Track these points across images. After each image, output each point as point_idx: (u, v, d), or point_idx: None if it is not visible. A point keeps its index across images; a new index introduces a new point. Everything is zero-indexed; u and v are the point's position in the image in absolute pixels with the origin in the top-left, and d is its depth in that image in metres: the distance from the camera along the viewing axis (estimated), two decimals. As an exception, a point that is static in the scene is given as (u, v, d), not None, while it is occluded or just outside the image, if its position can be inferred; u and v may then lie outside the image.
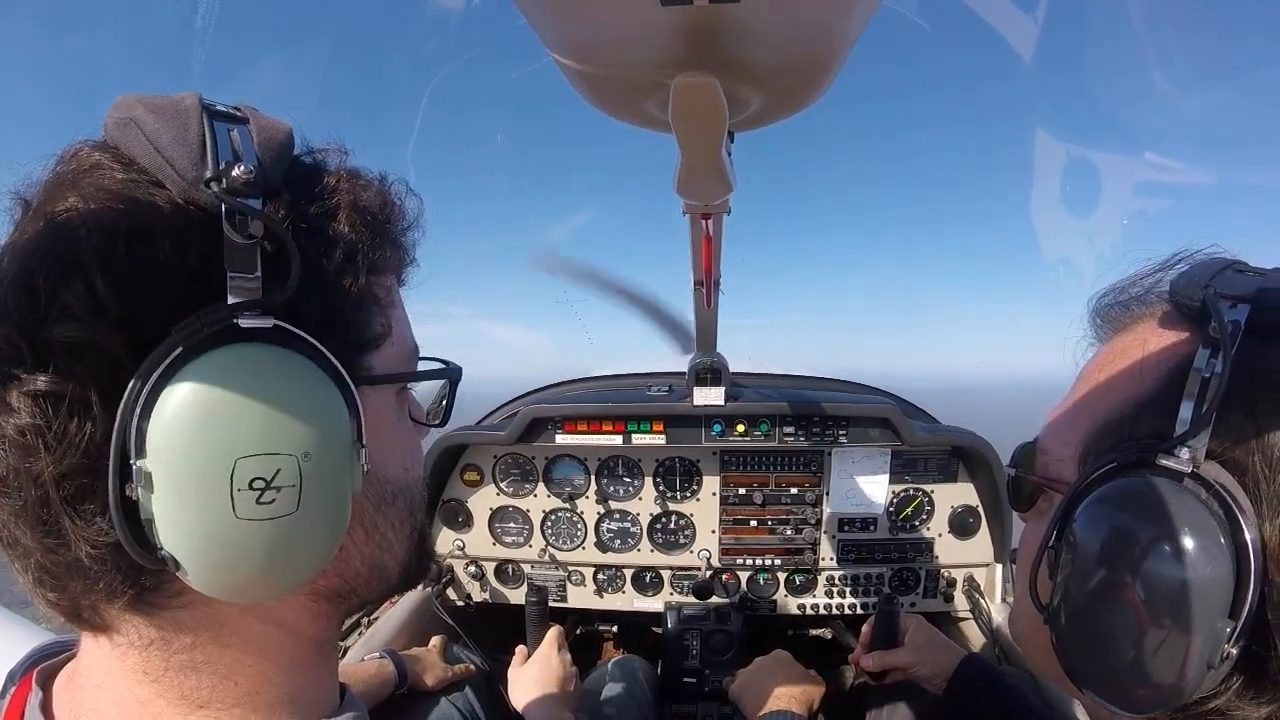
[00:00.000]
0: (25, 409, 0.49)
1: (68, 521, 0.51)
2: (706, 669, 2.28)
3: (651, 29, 0.56)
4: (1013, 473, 0.82)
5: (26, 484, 0.50)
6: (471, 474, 2.40)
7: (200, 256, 0.52)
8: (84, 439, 0.50)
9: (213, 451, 0.50)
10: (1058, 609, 0.66)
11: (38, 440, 0.49)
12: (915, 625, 1.72)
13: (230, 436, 0.51)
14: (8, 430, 0.49)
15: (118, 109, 0.54)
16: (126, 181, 0.52)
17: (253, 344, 0.53)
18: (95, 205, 0.51)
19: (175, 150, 0.52)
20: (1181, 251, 0.71)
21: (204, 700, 0.59)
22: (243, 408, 0.51)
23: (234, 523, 0.51)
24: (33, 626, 1.33)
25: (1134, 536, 0.60)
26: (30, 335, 0.49)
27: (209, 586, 0.53)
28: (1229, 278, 0.63)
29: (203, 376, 0.50)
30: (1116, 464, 0.64)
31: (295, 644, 0.64)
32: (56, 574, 0.53)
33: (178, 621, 0.57)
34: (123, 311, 0.50)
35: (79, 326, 0.49)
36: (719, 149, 0.74)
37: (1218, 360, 0.58)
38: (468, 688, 1.85)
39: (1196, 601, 0.56)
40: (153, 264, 0.50)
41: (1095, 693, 0.65)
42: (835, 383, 2.89)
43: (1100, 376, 0.72)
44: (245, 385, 0.52)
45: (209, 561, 0.52)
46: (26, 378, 0.49)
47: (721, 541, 2.38)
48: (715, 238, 1.29)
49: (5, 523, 0.53)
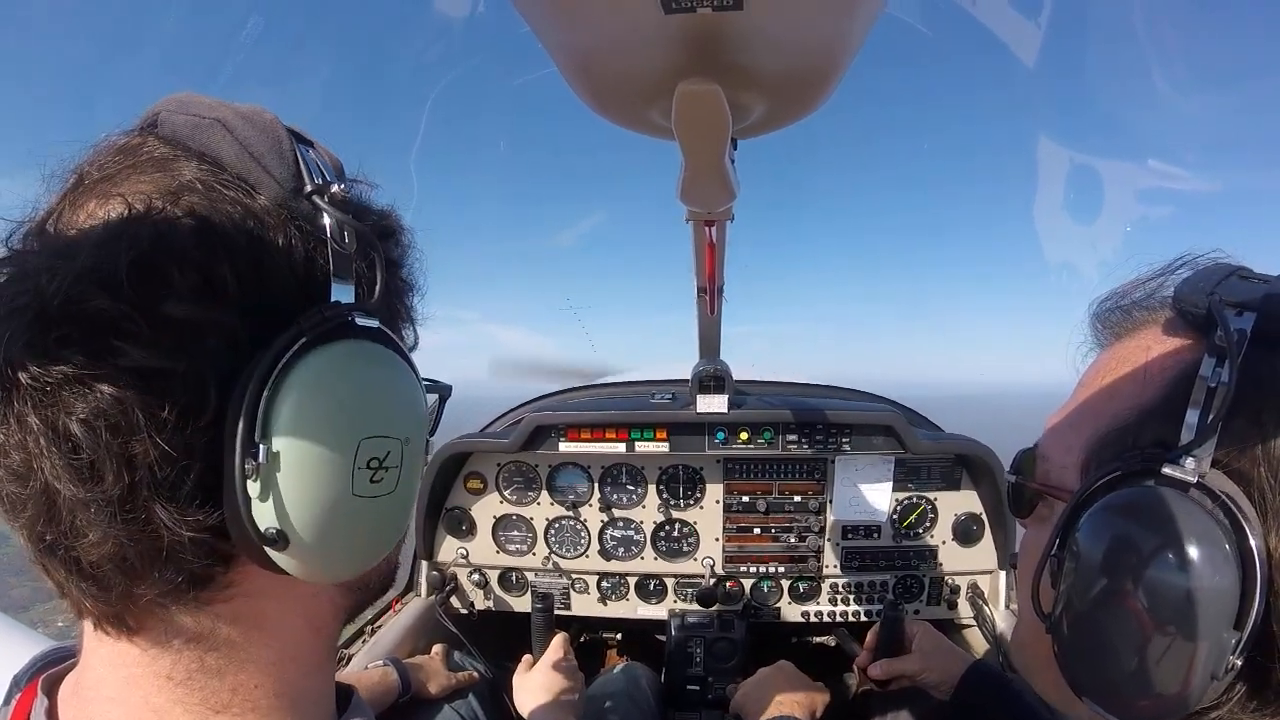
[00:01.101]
0: (130, 386, 0.48)
1: (160, 508, 0.50)
2: (710, 676, 2.26)
3: (655, 36, 0.56)
4: (1013, 479, 0.81)
5: (119, 468, 0.48)
6: (475, 482, 2.40)
7: (305, 258, 0.56)
8: (192, 419, 0.50)
9: (342, 432, 0.55)
10: (1060, 617, 0.66)
11: (140, 420, 0.48)
12: (923, 632, 1.71)
13: (356, 419, 0.56)
14: (107, 409, 0.47)
15: (192, 108, 0.56)
16: (220, 179, 0.54)
17: (363, 340, 0.58)
18: (198, 198, 0.52)
19: (272, 160, 0.56)
20: (1184, 256, 0.71)
21: (223, 704, 0.58)
22: (366, 394, 0.57)
23: (349, 499, 0.56)
24: (31, 632, 1.33)
25: (1139, 547, 0.59)
26: (146, 311, 0.48)
27: (305, 562, 0.55)
28: (1234, 284, 0.62)
29: (329, 364, 0.54)
30: (1121, 473, 0.63)
31: (315, 643, 0.65)
32: (110, 570, 0.51)
33: (219, 616, 0.57)
34: (247, 298, 0.52)
35: (203, 307, 0.50)
36: (722, 156, 0.75)
37: (1224, 369, 0.58)
38: (471, 695, 1.85)
39: (1202, 613, 0.55)
40: (269, 258, 0.54)
41: (1097, 703, 0.64)
42: (838, 390, 2.89)
43: (1103, 383, 0.71)
44: (366, 374, 0.57)
45: (318, 537, 0.55)
46: (136, 353, 0.48)
47: (725, 549, 2.38)
48: (719, 245, 1.30)
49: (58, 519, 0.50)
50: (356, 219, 0.59)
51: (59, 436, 0.48)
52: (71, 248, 0.49)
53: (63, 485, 0.48)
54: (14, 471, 0.50)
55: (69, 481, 0.48)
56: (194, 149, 0.55)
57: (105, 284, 0.47)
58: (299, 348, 0.53)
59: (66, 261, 0.48)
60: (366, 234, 0.59)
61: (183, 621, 0.56)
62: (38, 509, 0.50)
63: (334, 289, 0.57)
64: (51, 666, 0.64)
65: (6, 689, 0.63)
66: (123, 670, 0.57)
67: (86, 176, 0.54)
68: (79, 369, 0.47)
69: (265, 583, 0.58)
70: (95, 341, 0.47)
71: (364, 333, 0.58)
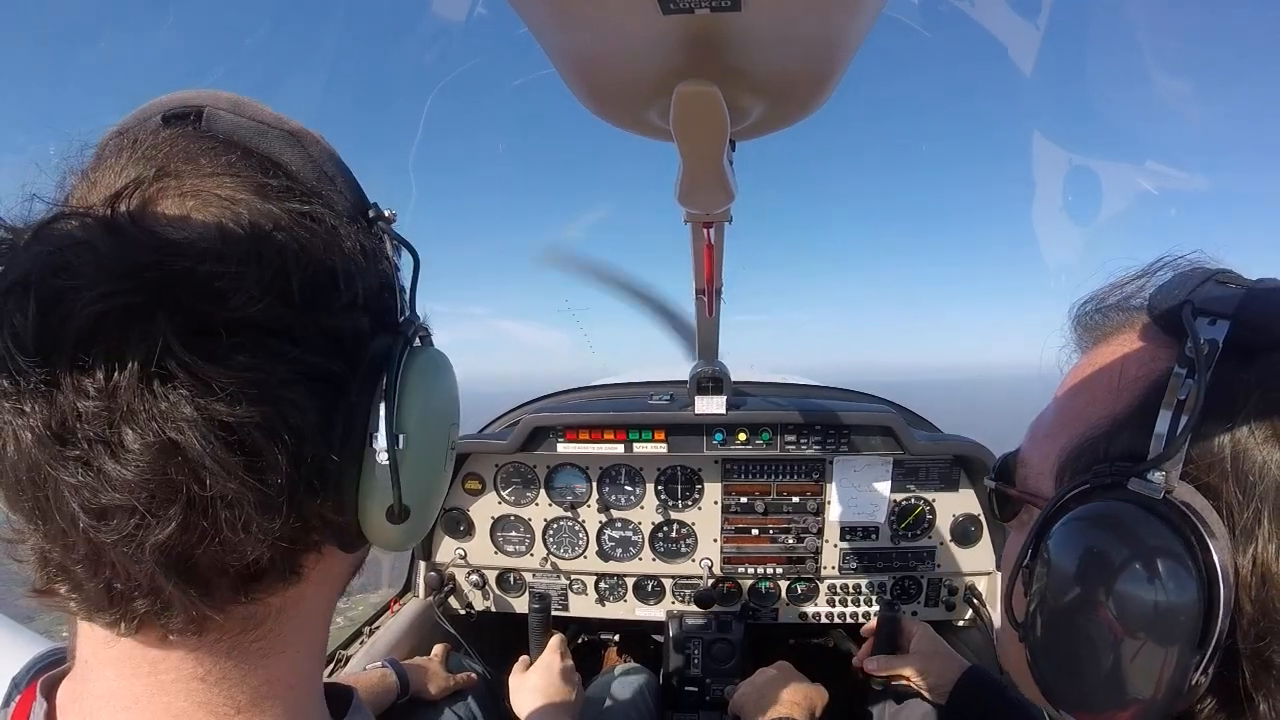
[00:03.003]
0: (300, 388, 0.50)
1: (311, 500, 0.53)
2: (708, 678, 2.27)
3: (653, 37, 0.56)
4: (993, 485, 0.80)
5: (283, 466, 0.50)
6: (473, 482, 2.40)
7: (381, 271, 0.61)
8: (342, 417, 0.54)
9: (443, 420, 0.64)
10: (1031, 626, 0.65)
11: (311, 421, 0.51)
12: (921, 634, 1.71)
13: (448, 410, 0.65)
14: (279, 410, 0.49)
15: (252, 113, 0.58)
16: (300, 191, 0.56)
17: (429, 347, 0.65)
18: (305, 213, 0.54)
19: (342, 182, 0.61)
20: (1164, 257, 0.69)
21: (247, 701, 0.57)
22: (446, 389, 0.65)
23: (442, 475, 0.66)
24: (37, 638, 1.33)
25: (1104, 561, 0.58)
26: (315, 319, 0.52)
27: (408, 532, 0.60)
28: (1210, 290, 0.60)
29: (428, 365, 0.61)
30: (1090, 485, 0.62)
31: (324, 633, 0.65)
32: (231, 571, 0.51)
33: (269, 606, 0.57)
34: (372, 307, 0.58)
35: (350, 316, 0.55)
36: (720, 158, 0.75)
37: (1194, 380, 0.56)
38: (470, 696, 1.85)
39: (1165, 629, 0.55)
40: (373, 273, 0.59)
41: (1066, 711, 0.64)
42: (837, 391, 2.90)
43: (1079, 389, 0.70)
44: (442, 373, 0.64)
45: (426, 508, 0.62)
46: (309, 358, 0.51)
47: (723, 550, 2.38)
48: (717, 246, 1.30)
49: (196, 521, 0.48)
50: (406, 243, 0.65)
51: (231, 436, 0.47)
52: (187, 245, 0.47)
53: (231, 484, 0.48)
54: (166, 473, 0.47)
55: (233, 480, 0.48)
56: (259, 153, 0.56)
57: (284, 297, 0.49)
58: (410, 352, 0.59)
59: (245, 269, 0.48)
60: (416, 255, 0.65)
61: (236, 617, 0.55)
62: (180, 510, 0.48)
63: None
64: (50, 668, 0.64)
65: (5, 691, 0.63)
66: (146, 679, 0.55)
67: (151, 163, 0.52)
68: (254, 373, 0.48)
69: (319, 566, 0.59)
70: (271, 347, 0.49)
71: (429, 339, 0.66)
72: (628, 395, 2.79)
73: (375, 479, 0.56)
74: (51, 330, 0.44)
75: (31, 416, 0.45)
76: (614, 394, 2.89)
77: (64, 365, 0.44)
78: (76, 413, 0.45)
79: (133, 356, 0.45)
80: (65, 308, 0.44)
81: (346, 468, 0.55)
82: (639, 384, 2.92)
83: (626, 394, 2.82)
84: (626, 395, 2.80)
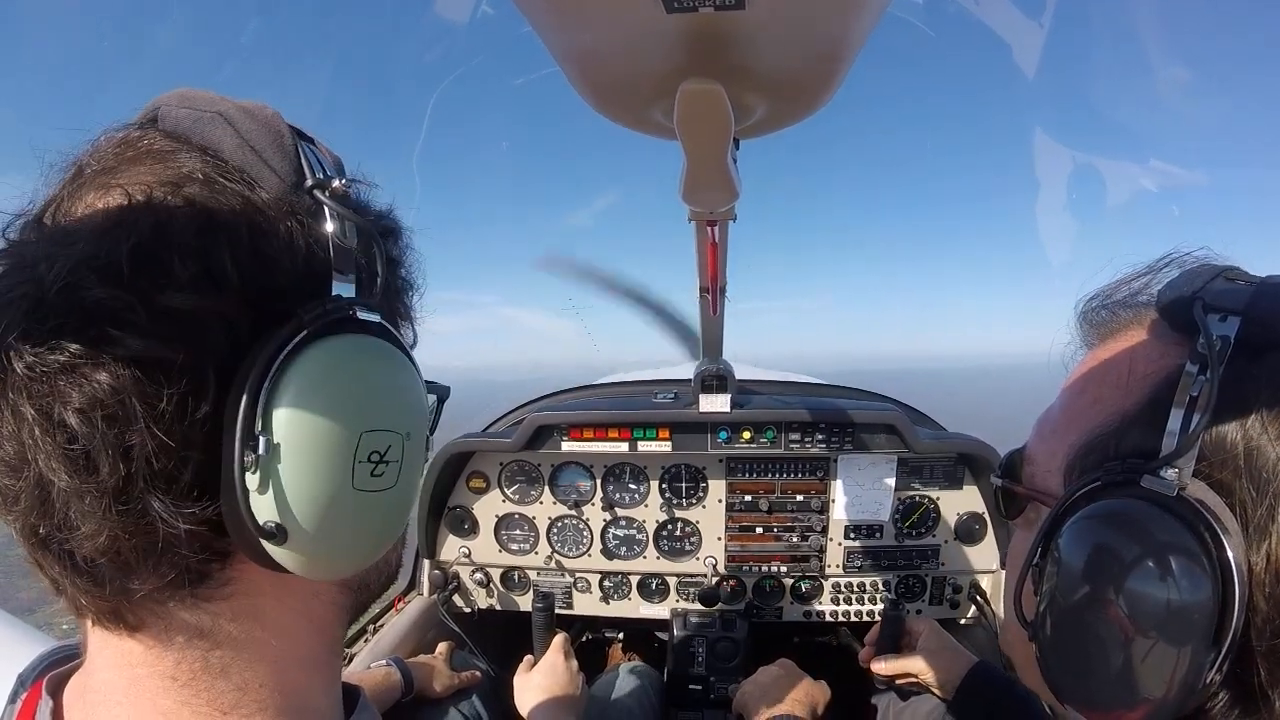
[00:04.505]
0: (128, 376, 0.47)
1: (156, 500, 0.49)
2: (712, 676, 2.27)
3: (657, 35, 0.56)
4: (999, 482, 0.80)
5: (115, 459, 0.48)
6: (477, 481, 2.40)
7: (306, 252, 0.56)
8: (190, 410, 0.50)
9: (344, 425, 0.54)
10: (1041, 624, 0.65)
11: (138, 409, 0.48)
12: (928, 631, 1.71)
13: (358, 412, 0.56)
14: (104, 398, 0.47)
15: (193, 102, 0.57)
16: (222, 171, 0.54)
17: (364, 334, 0.58)
18: (199, 189, 0.53)
19: (273, 154, 0.56)
20: (1171, 254, 0.69)
21: (230, 705, 0.58)
22: (368, 387, 0.57)
23: (350, 493, 0.55)
24: (35, 632, 1.33)
25: (1117, 560, 0.58)
26: (146, 300, 0.48)
27: (304, 557, 0.55)
28: (1219, 287, 0.60)
29: (332, 357, 0.55)
30: (1101, 482, 0.62)
31: (317, 641, 0.64)
32: (104, 564, 0.51)
33: (219, 614, 0.56)
34: (249, 289, 0.52)
35: (203, 297, 0.50)
36: (725, 156, 0.74)
37: (1205, 376, 0.56)
38: (474, 695, 1.85)
39: (1178, 627, 0.55)
40: (271, 250, 0.54)
41: (1077, 709, 0.64)
42: (841, 389, 2.89)
43: (1087, 386, 0.70)
44: (368, 368, 0.57)
45: (317, 531, 0.54)
46: (134, 342, 0.47)
47: (728, 548, 2.38)
48: (721, 244, 1.29)
49: (52, 512, 0.49)
50: (363, 215, 0.60)
51: (54, 426, 0.47)
52: (70, 237, 0.49)
53: (57, 476, 0.48)
54: (8, 463, 0.49)
55: (64, 472, 0.48)
56: (195, 142, 0.55)
57: (104, 272, 0.47)
58: (300, 340, 0.53)
59: (64, 249, 0.48)
60: (368, 229, 0.59)
61: (182, 619, 0.55)
62: (31, 501, 0.49)
63: (335, 283, 0.57)
64: (56, 666, 0.64)
65: (12, 688, 0.63)
66: (128, 671, 0.56)
67: (86, 168, 0.54)
68: (75, 358, 0.47)
69: (263, 580, 0.57)
70: (93, 330, 0.47)
71: (366, 327, 0.58)
72: (632, 394, 2.79)
73: (241, 487, 0.51)
74: None
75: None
76: (618, 392, 2.90)
77: None
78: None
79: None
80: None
81: (201, 469, 0.51)
82: (643, 382, 2.92)
83: (631, 392, 2.83)
84: (631, 394, 2.80)
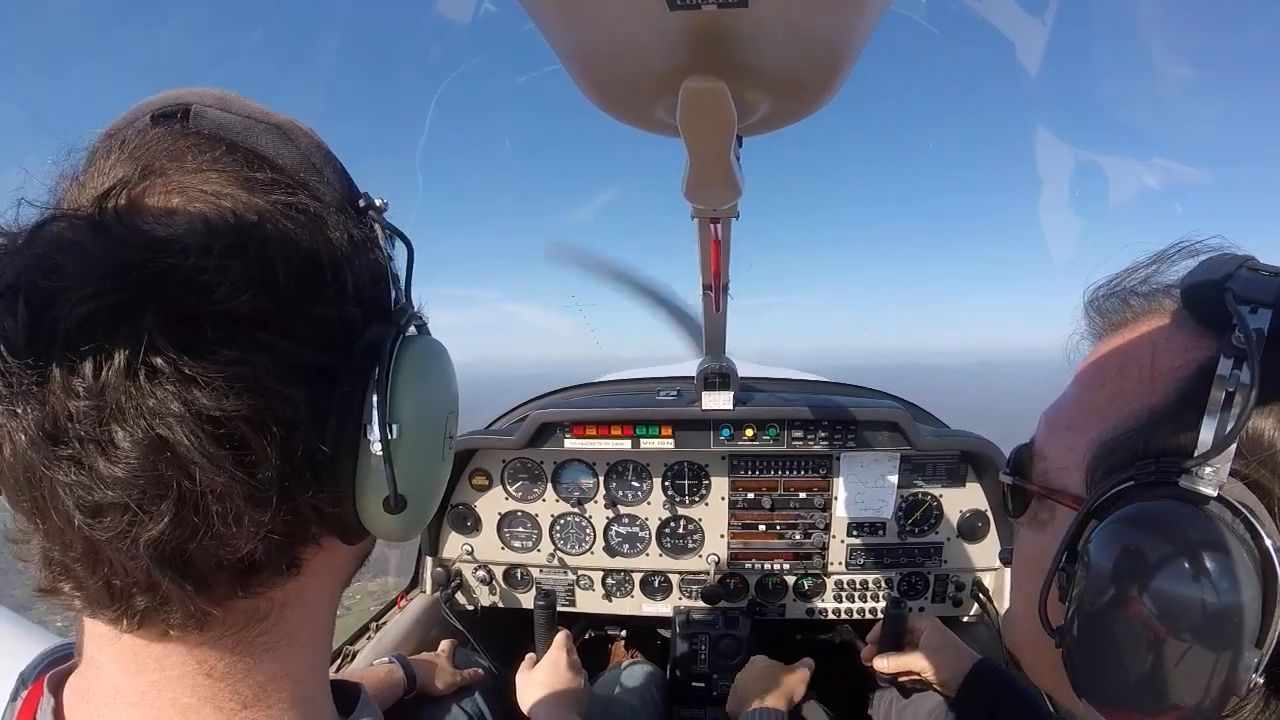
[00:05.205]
0: (292, 380, 0.50)
1: (305, 497, 0.53)
2: (715, 674, 2.27)
3: (660, 33, 0.56)
4: (1009, 480, 0.77)
5: (279, 461, 0.50)
6: (480, 478, 2.41)
7: (373, 261, 0.61)
8: (335, 409, 0.54)
9: (439, 408, 0.63)
10: (1072, 633, 0.62)
11: (301, 413, 0.51)
12: (930, 628, 1.71)
13: (443, 398, 0.64)
14: (270, 403, 0.49)
15: (231, 106, 0.57)
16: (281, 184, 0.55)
17: (424, 335, 0.65)
18: (308, 205, 0.55)
19: (330, 172, 0.60)
20: (1182, 242, 0.67)
21: (252, 698, 0.57)
22: (441, 377, 0.64)
23: (439, 464, 0.64)
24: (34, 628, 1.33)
25: (1158, 564, 0.55)
26: (303, 311, 0.52)
27: (405, 524, 0.60)
28: (1246, 278, 0.58)
29: (423, 353, 0.61)
30: (1135, 483, 0.59)
31: (326, 625, 0.65)
32: (229, 566, 0.51)
33: (272, 600, 0.57)
34: (363, 297, 0.58)
35: (333, 307, 0.55)
36: (727, 153, 0.74)
37: (1242, 371, 0.54)
38: (477, 692, 1.85)
39: (1226, 632, 0.53)
40: (368, 262, 0.60)
41: (1111, 717, 0.61)
42: (844, 387, 2.89)
43: (1104, 379, 0.67)
44: (437, 362, 0.63)
45: (426, 498, 0.63)
46: (300, 350, 0.51)
47: (730, 546, 2.38)
48: (724, 242, 1.29)
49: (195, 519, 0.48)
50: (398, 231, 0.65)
51: (219, 430, 0.47)
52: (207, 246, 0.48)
53: (216, 480, 0.48)
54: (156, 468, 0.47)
55: (225, 476, 0.48)
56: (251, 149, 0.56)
57: (270, 289, 0.49)
58: (403, 342, 0.59)
59: (229, 262, 0.48)
60: (410, 244, 0.65)
61: (240, 609, 0.55)
62: (175, 511, 0.48)
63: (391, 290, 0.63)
64: (58, 664, 0.64)
65: (13, 685, 0.63)
66: (152, 674, 0.55)
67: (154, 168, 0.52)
68: (241, 366, 0.48)
69: (315, 560, 0.59)
70: (258, 340, 0.49)
71: (426, 327, 0.67)
72: (634, 391, 2.79)
73: (371, 469, 0.56)
74: (41, 332, 0.45)
75: (24, 418, 0.45)
76: (621, 390, 2.90)
77: (54, 366, 0.45)
78: (68, 412, 0.45)
79: (120, 354, 0.45)
80: (55, 310, 0.44)
81: (341, 459, 0.55)
82: (646, 379, 2.92)
83: (633, 390, 2.83)
84: (633, 391, 2.80)
